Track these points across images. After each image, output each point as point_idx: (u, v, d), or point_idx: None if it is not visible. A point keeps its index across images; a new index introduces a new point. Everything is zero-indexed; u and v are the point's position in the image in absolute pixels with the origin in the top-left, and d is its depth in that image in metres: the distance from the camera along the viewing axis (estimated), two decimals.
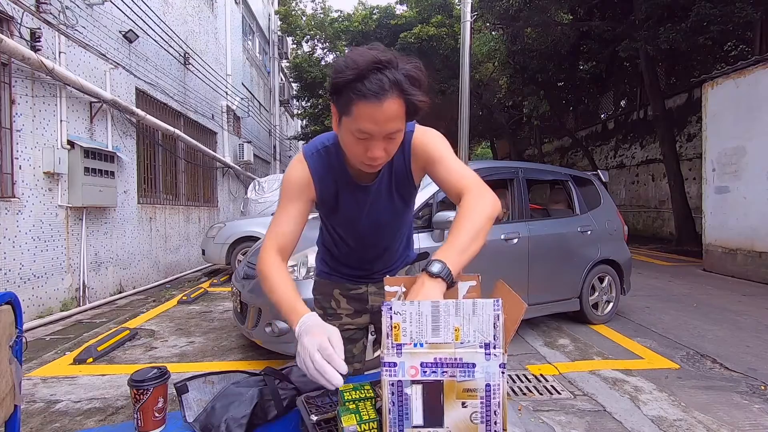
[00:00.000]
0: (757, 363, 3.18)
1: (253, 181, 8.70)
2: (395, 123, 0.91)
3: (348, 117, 0.92)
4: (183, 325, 4.18)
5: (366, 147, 0.94)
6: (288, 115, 21.15)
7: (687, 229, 9.60)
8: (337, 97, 0.92)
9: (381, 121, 0.89)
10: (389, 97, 0.87)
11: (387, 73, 0.87)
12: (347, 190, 1.13)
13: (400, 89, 0.88)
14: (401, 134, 0.97)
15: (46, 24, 4.25)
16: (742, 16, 7.10)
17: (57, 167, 4.32)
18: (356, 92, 0.87)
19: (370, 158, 0.95)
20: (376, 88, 0.86)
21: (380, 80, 0.86)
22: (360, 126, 0.90)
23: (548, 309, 3.93)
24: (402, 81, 0.88)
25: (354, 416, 0.81)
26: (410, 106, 0.91)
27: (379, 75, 0.87)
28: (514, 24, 10.92)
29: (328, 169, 1.10)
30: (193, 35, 8.14)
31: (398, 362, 0.74)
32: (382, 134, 0.92)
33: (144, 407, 0.89)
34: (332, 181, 1.11)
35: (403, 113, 0.91)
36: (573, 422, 2.35)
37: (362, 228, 1.21)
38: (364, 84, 0.86)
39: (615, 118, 14.25)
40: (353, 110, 0.89)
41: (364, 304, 1.33)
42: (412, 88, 0.89)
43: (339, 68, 0.90)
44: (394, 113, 0.89)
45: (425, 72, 0.93)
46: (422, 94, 0.91)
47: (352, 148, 0.97)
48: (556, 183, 4.55)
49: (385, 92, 0.86)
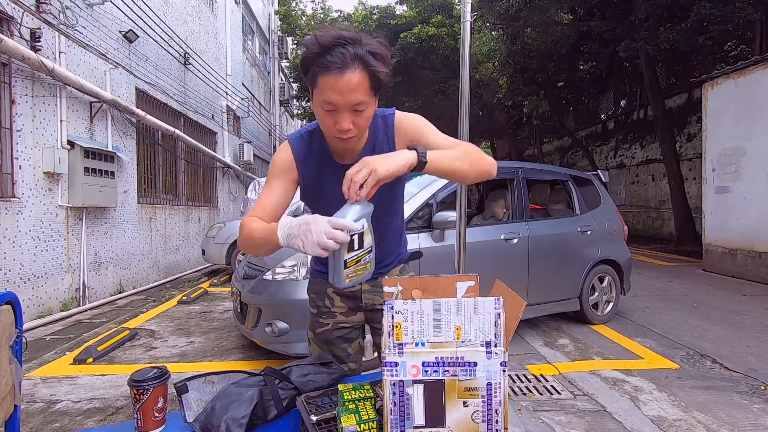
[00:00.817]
0: (757, 363, 3.18)
1: (253, 181, 8.69)
2: (358, 94, 0.95)
3: (316, 89, 0.98)
4: (183, 325, 4.18)
5: (335, 119, 0.99)
6: (288, 115, 21.16)
7: (687, 229, 9.60)
8: (306, 72, 0.99)
9: (344, 92, 0.94)
10: (351, 68, 0.93)
11: (349, 47, 0.93)
12: (329, 170, 1.16)
13: (362, 62, 0.94)
14: (369, 108, 1.01)
15: (46, 24, 4.25)
16: (742, 16, 7.10)
17: (57, 167, 4.32)
18: (320, 65, 0.94)
19: (339, 130, 1.00)
20: (338, 60, 0.92)
21: (342, 53, 0.92)
22: (325, 97, 0.96)
23: (548, 309, 3.93)
24: (364, 54, 0.94)
25: (354, 416, 0.81)
26: (373, 78, 0.96)
27: (341, 49, 0.93)
28: (514, 24, 10.91)
29: (309, 150, 1.16)
30: (193, 35, 8.14)
31: (400, 362, 0.74)
32: (347, 105, 0.96)
33: (144, 407, 0.89)
34: (314, 162, 1.16)
35: (366, 86, 0.96)
36: (573, 422, 2.35)
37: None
38: (326, 57, 0.93)
39: (615, 118, 14.26)
40: (318, 82, 0.96)
41: (358, 302, 1.33)
42: (374, 61, 0.95)
43: (307, 45, 0.96)
44: (356, 84, 0.94)
45: (388, 47, 0.99)
46: (384, 67, 0.97)
47: (323, 121, 1.03)
48: (556, 183, 4.55)
49: (346, 64, 0.92)
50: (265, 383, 0.99)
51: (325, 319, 1.33)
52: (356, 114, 0.99)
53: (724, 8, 7.26)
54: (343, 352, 1.33)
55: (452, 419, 0.74)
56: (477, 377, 0.74)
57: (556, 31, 11.14)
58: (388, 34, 13.57)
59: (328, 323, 1.32)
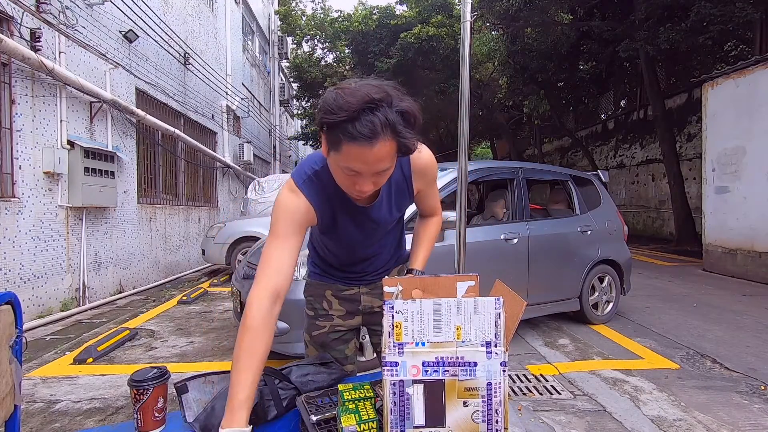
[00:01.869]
0: (757, 363, 3.18)
1: (253, 181, 8.69)
2: (385, 163, 0.89)
3: (337, 153, 0.89)
4: (183, 325, 4.18)
5: (354, 181, 0.93)
6: (288, 115, 21.16)
7: (687, 229, 9.60)
8: (326, 128, 0.88)
9: (371, 162, 0.87)
10: (380, 139, 0.84)
11: (379, 113, 0.83)
12: (346, 212, 1.11)
13: (392, 130, 0.85)
14: (391, 170, 0.95)
15: (46, 24, 4.25)
16: (742, 16, 7.10)
17: (57, 167, 4.32)
18: (346, 134, 0.83)
19: (359, 191, 0.95)
20: (368, 131, 0.82)
21: (372, 122, 0.82)
22: (349, 165, 0.89)
23: (548, 309, 3.93)
24: (395, 122, 0.84)
25: (354, 416, 0.81)
26: (402, 147, 0.88)
27: (370, 116, 0.82)
28: (514, 24, 10.91)
29: (323, 194, 1.06)
30: (193, 35, 8.14)
31: (400, 361, 0.74)
32: (371, 172, 0.90)
33: (144, 407, 0.89)
34: (329, 206, 1.09)
35: (393, 153, 0.89)
36: (573, 422, 2.35)
37: (358, 242, 1.22)
38: (355, 127, 0.82)
39: (615, 118, 14.26)
40: (342, 149, 0.86)
41: (357, 305, 1.33)
42: (405, 130, 0.86)
43: (329, 107, 0.84)
44: (384, 155, 0.87)
45: (419, 108, 0.90)
46: (414, 136, 0.89)
47: (340, 180, 0.96)
48: (556, 183, 4.55)
49: (376, 135, 0.83)
50: (265, 383, 0.98)
51: (322, 321, 1.32)
52: (377, 176, 0.93)
53: (724, 8, 7.25)
54: (340, 354, 1.32)
55: (452, 419, 0.75)
56: (477, 377, 0.74)
57: (556, 31, 11.14)
58: (388, 34, 13.59)
59: (325, 326, 1.32)
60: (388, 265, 1.35)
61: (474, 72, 13.36)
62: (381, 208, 1.13)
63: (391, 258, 1.35)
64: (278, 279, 0.96)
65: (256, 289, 0.95)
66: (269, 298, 0.94)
